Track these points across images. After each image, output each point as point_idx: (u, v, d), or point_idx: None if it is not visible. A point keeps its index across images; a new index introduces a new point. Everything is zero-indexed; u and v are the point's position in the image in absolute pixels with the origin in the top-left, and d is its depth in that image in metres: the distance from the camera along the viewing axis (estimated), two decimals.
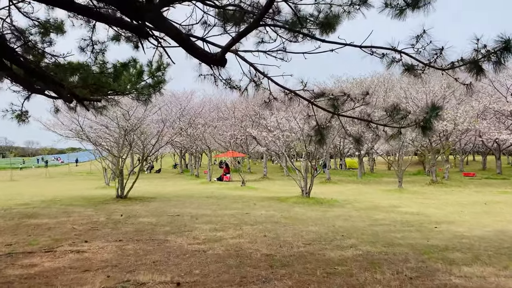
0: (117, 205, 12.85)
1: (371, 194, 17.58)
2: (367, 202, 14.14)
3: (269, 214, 10.80)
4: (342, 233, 8.10)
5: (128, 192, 14.30)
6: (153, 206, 12.49)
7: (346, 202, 13.83)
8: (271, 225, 9.07)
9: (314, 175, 14.06)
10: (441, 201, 14.71)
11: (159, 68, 12.99)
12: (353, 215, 10.84)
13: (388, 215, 11.03)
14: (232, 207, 12.25)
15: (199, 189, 20.19)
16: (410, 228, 8.78)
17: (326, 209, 12.13)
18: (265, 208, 12.17)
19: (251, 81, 5.71)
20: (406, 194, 17.44)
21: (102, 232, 8.14)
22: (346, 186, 22.39)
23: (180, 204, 13.02)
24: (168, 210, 11.66)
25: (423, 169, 41.49)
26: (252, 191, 18.45)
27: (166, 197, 15.33)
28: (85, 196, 15.65)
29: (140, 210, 11.58)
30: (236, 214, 10.74)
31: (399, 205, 13.33)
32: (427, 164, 35.42)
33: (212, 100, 33.23)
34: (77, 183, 25.98)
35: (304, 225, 9.05)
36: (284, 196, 15.17)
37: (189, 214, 10.72)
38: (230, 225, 9.05)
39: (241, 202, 13.62)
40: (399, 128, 5.68)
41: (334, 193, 17.96)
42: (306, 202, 13.38)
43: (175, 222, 9.39)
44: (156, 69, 13.01)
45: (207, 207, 12.25)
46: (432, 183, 23.52)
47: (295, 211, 11.56)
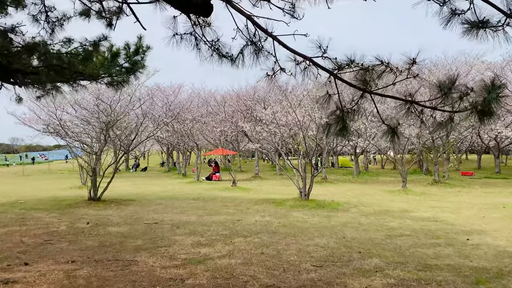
0: (87, 209, 11.07)
1: (374, 195, 16.05)
2: (374, 205, 12.58)
3: (265, 221, 9.15)
4: (358, 249, 6.49)
5: (102, 194, 12.52)
6: (129, 211, 10.74)
7: (350, 205, 12.25)
8: (268, 236, 7.42)
9: (314, 174, 12.45)
10: (454, 204, 13.22)
11: (137, 51, 11.28)
12: (363, 223, 9.25)
13: (403, 222, 9.47)
14: (221, 212, 10.58)
15: (186, 189, 18.45)
16: (438, 241, 7.20)
17: (329, 214, 10.53)
18: (260, 213, 10.52)
19: (248, 44, 4.02)
20: (412, 196, 15.95)
21: (55, 248, 6.40)
22: (344, 186, 20.86)
23: (161, 209, 11.30)
24: (145, 216, 9.93)
25: (419, 168, 40.26)
26: (244, 192, 16.79)
27: (146, 199, 13.58)
28: (55, 198, 13.82)
29: (112, 216, 9.84)
30: (226, 222, 9.07)
31: (410, 209, 11.79)
32: (425, 163, 34.18)
33: (200, 94, 31.45)
34: (53, 182, 24.01)
35: (308, 237, 7.42)
36: (280, 198, 13.53)
37: (170, 222, 9.01)
38: (218, 237, 7.37)
39: (232, 205, 11.95)
40: (452, 113, 4.08)
41: (333, 194, 16.39)
42: (306, 205, 11.77)
43: (151, 233, 7.68)
44: (134, 52, 11.31)
45: (192, 212, 10.55)
46: (434, 183, 22.13)
47: (294, 217, 9.93)
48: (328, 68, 3.95)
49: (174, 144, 30.71)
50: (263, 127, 12.38)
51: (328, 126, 4.35)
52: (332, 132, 4.35)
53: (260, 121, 12.69)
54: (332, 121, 4.32)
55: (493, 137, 32.37)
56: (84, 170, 12.65)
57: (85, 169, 12.53)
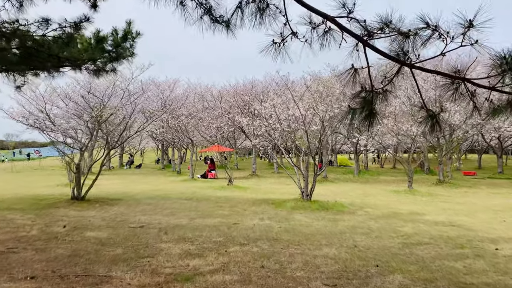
0: (68, 209, 10.06)
1: (378, 196, 15.11)
2: (381, 207, 11.65)
3: (264, 225, 8.18)
4: (374, 261, 5.53)
5: (87, 193, 11.51)
6: (113, 212, 9.74)
7: (356, 207, 11.31)
8: (269, 244, 6.45)
9: (316, 173, 11.48)
10: (466, 206, 12.31)
11: (125, 37, 10.31)
12: (373, 227, 8.30)
13: (416, 226, 8.53)
14: (215, 214, 9.59)
15: (179, 188, 17.45)
16: (464, 252, 6.26)
17: (334, 217, 9.58)
18: (258, 215, 9.55)
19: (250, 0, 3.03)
20: (419, 197, 15.02)
21: (17, 258, 5.41)
22: (345, 186, 19.91)
23: (150, 209, 10.30)
24: (131, 218, 8.94)
25: (419, 167, 39.44)
26: (241, 191, 15.81)
27: (135, 199, 12.57)
28: (36, 196, 12.78)
29: (94, 218, 8.84)
30: (220, 226, 8.09)
31: (422, 212, 10.86)
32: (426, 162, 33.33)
33: (196, 89, 30.38)
34: (41, 179, 22.91)
35: (315, 245, 6.46)
36: (280, 198, 12.57)
37: (158, 225, 8.02)
38: (211, 244, 6.40)
39: (228, 206, 10.97)
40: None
41: (335, 194, 15.44)
42: (308, 207, 10.81)
43: (134, 239, 6.70)
44: (122, 37, 10.34)
45: (183, 214, 9.56)
46: (439, 182, 21.25)
47: (296, 220, 8.97)
48: (356, 33, 2.98)
49: (169, 141, 29.66)
50: (262, 121, 11.38)
51: (351, 111, 3.37)
52: (356, 119, 3.37)
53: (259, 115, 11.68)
54: (356, 105, 3.35)
55: (496, 136, 31.62)
56: (69, 167, 11.62)
57: (69, 166, 11.48)
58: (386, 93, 3.23)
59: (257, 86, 27.36)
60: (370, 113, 3.35)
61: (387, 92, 3.24)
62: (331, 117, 10.48)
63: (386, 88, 3.26)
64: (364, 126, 3.41)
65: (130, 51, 10.88)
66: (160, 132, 25.38)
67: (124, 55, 10.92)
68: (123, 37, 10.00)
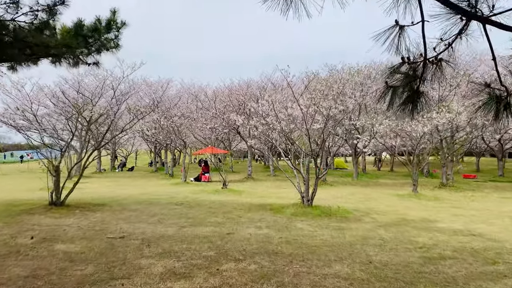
0: (44, 216, 9.02)
1: (382, 200, 14.20)
2: (388, 213, 10.72)
3: (262, 235, 7.21)
4: (397, 282, 4.59)
5: (67, 197, 10.47)
6: (94, 220, 8.72)
7: (361, 213, 10.37)
8: (269, 260, 5.48)
9: (319, 176, 10.53)
10: (480, 212, 11.43)
11: (109, 27, 9.30)
12: (385, 237, 7.36)
13: (433, 236, 7.60)
14: (207, 222, 8.60)
15: (170, 192, 16.43)
16: (499, 269, 5.32)
17: (339, 224, 8.63)
18: (255, 223, 8.58)
19: None
20: (425, 201, 14.13)
21: None
22: (345, 189, 18.99)
23: (135, 216, 9.29)
24: (112, 227, 7.92)
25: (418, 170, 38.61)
26: (236, 196, 14.82)
27: (121, 204, 11.54)
28: (13, 201, 11.72)
29: (70, 227, 7.82)
30: (212, 236, 7.11)
31: (433, 218, 9.95)
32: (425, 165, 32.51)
33: (190, 89, 29.37)
34: (25, 182, 21.76)
35: (323, 261, 5.50)
36: (278, 203, 11.60)
37: (140, 236, 7.02)
38: (200, 260, 5.42)
39: (221, 213, 9.98)
40: None
41: (335, 198, 14.51)
42: (309, 213, 9.85)
43: (110, 254, 5.70)
44: (106, 27, 9.32)
45: (171, 222, 8.57)
46: (442, 186, 20.41)
47: (298, 229, 8.01)
48: None
49: (161, 142, 28.63)
50: (259, 119, 10.40)
51: (390, 90, 2.41)
52: (395, 101, 2.41)
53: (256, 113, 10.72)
54: (397, 83, 2.39)
55: (497, 138, 30.90)
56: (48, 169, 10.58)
57: (47, 168, 10.45)
58: (441, 63, 2.29)
59: (253, 86, 26.41)
60: (415, 92, 2.39)
61: (442, 62, 2.29)
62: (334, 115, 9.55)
63: (439, 58, 2.31)
64: (405, 111, 2.45)
65: (114, 42, 9.90)
66: (152, 133, 24.34)
67: (107, 46, 9.94)
68: (106, 26, 9.03)
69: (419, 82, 2.35)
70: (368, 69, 25.57)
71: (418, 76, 2.35)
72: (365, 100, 21.68)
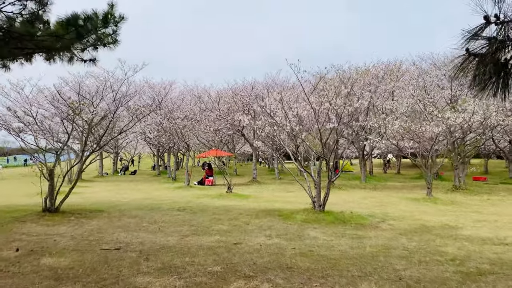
0: (36, 224, 8.36)
1: (396, 204, 13.44)
2: (406, 218, 9.97)
3: (274, 246, 6.50)
4: None
5: (62, 204, 9.81)
6: (89, 228, 8.04)
7: (377, 219, 9.63)
8: (283, 278, 4.77)
9: (331, 180, 9.81)
10: (503, 217, 10.65)
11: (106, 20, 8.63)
12: (409, 247, 6.63)
13: (461, 245, 6.87)
14: (212, 230, 7.90)
15: (173, 196, 15.76)
16: None
17: (356, 232, 7.91)
18: (264, 231, 7.87)
19: None
20: (443, 206, 13.35)
21: None
22: (355, 193, 18.24)
23: (134, 224, 8.61)
24: (108, 236, 7.24)
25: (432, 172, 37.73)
26: (241, 200, 14.12)
27: (120, 210, 10.87)
28: (7, 206, 11.08)
29: (62, 237, 7.14)
30: (218, 247, 6.41)
31: (455, 225, 9.19)
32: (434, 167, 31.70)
33: (193, 91, 28.72)
34: (23, 186, 21.13)
35: (345, 277, 4.78)
36: (287, 208, 10.88)
37: (138, 247, 6.33)
38: (205, 278, 4.72)
39: (227, 219, 9.28)
40: None
41: (347, 202, 13.78)
42: (322, 219, 9.12)
43: (102, 270, 5.01)
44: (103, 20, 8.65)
45: (173, 230, 7.87)
46: (455, 189, 19.60)
47: (312, 238, 7.29)
48: None
49: (164, 145, 28.00)
50: (267, 118, 9.69)
51: (473, 60, 1.69)
52: (479, 75, 1.69)
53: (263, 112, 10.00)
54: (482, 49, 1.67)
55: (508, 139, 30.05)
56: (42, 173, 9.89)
57: (42, 172, 9.80)
58: None
59: (257, 87, 25.74)
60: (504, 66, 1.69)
61: None
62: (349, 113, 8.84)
63: None
64: (491, 90, 1.74)
65: (112, 37, 9.27)
66: (154, 136, 23.71)
67: (105, 41, 9.30)
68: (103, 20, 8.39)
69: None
70: (376, 68, 24.89)
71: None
72: (373, 100, 20.94)
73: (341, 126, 8.86)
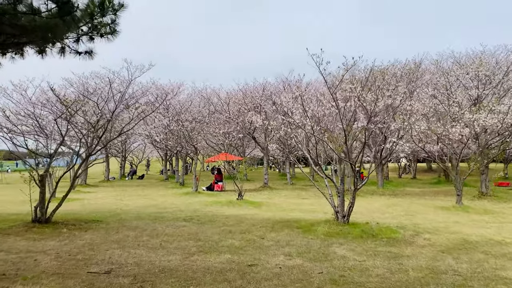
0: (21, 238, 7.33)
1: (425, 214, 12.16)
2: (441, 231, 8.73)
3: (296, 270, 5.35)
4: None
5: (54, 213, 8.78)
6: (80, 243, 6.99)
7: (409, 232, 8.40)
8: None
9: (357, 187, 8.64)
10: None
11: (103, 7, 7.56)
12: (460, 270, 5.44)
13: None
14: (222, 247, 6.78)
15: (179, 203, 14.69)
16: None
17: (390, 249, 6.72)
18: (283, 248, 6.73)
19: None
20: (477, 215, 12.05)
21: None
22: (375, 200, 16.98)
23: (133, 238, 7.53)
24: (100, 254, 6.16)
25: (444, 177, 36.26)
26: (254, 208, 12.99)
27: (120, 220, 9.81)
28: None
29: (46, 255, 6.08)
30: (229, 269, 5.29)
31: (501, 239, 7.94)
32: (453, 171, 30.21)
33: (202, 92, 27.72)
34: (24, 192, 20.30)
35: None
36: (306, 219, 9.72)
37: (134, 269, 5.25)
38: None
39: (239, 232, 8.15)
40: None
41: (370, 211, 12.56)
42: (348, 233, 7.95)
43: None
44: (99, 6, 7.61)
45: (176, 246, 6.78)
46: (482, 195, 18.20)
47: (340, 257, 6.13)
48: None
49: (171, 149, 27.03)
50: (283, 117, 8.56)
51: None
52: None
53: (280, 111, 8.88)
54: None
55: None
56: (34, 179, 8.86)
57: (33, 178, 8.79)
58: None
59: (268, 88, 24.62)
60: None
61: None
62: (381, 110, 7.70)
63: None
64: None
65: (111, 27, 8.26)
66: (161, 139, 22.74)
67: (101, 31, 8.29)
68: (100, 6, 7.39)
69: None
70: (394, 68, 23.66)
71: None
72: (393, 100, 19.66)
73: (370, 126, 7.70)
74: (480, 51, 22.16)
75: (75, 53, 8.24)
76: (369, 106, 7.34)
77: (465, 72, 18.87)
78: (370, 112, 7.36)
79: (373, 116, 7.55)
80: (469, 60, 22.00)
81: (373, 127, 8.36)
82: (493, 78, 18.78)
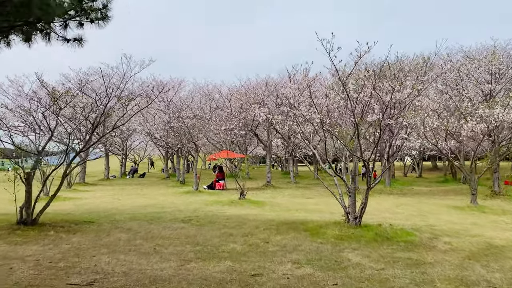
0: (2, 241, 6.67)
1: (439, 214, 11.46)
2: (461, 234, 8.01)
3: (307, 281, 4.67)
4: None
5: (40, 214, 8.12)
6: (66, 247, 6.32)
7: (426, 235, 7.69)
8: None
9: (370, 186, 7.94)
10: None
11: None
12: (493, 281, 4.75)
13: None
14: (222, 253, 6.09)
15: (178, 202, 14.02)
16: None
17: (409, 255, 6.02)
18: (289, 253, 6.04)
19: None
20: (495, 216, 11.33)
21: None
22: (385, 199, 16.28)
23: (125, 241, 6.86)
24: (85, 261, 5.49)
25: (450, 176, 35.47)
26: (257, 208, 12.30)
27: (114, 220, 9.15)
28: None
29: (25, 262, 5.42)
30: (230, 280, 4.61)
31: None
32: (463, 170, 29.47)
33: (203, 89, 27.04)
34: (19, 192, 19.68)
35: None
36: (313, 221, 9.02)
37: (120, 280, 4.57)
38: None
39: (241, 235, 7.46)
40: None
41: (380, 211, 11.88)
42: (361, 236, 7.25)
43: None
44: None
45: (172, 251, 6.10)
46: (495, 194, 17.47)
47: (355, 265, 5.44)
48: None
49: (172, 147, 26.38)
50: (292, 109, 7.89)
51: None
52: None
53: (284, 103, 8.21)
54: None
55: None
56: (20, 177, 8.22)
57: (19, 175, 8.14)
58: None
59: (271, 83, 23.88)
60: None
61: None
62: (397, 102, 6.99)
63: None
64: None
65: (102, 13, 7.65)
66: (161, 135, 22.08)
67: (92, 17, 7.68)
68: None
69: None
70: (401, 62, 22.91)
71: None
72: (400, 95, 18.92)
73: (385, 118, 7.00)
74: (491, 45, 21.37)
75: (63, 40, 7.58)
76: (385, 97, 6.66)
77: (476, 65, 18.11)
78: (387, 103, 6.69)
79: (390, 108, 6.85)
80: (480, 54, 21.23)
81: (389, 120, 7.64)
82: (506, 72, 18.01)
